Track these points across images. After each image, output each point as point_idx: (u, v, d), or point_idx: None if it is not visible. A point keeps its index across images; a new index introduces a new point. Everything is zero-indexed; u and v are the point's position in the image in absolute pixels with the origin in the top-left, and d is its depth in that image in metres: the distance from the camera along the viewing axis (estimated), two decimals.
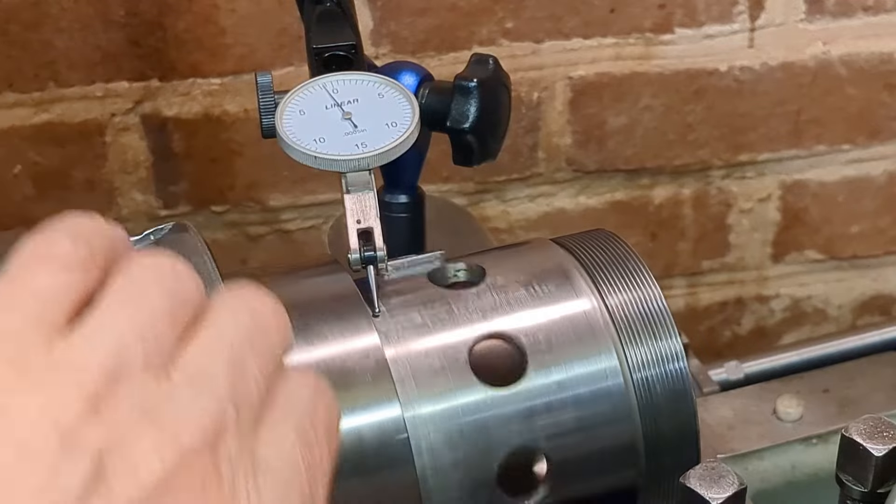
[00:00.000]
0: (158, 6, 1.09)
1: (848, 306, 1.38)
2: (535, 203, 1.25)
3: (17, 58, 1.09)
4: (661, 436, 0.59)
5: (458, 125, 0.71)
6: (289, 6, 0.79)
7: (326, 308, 0.58)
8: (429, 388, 0.57)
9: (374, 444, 0.55)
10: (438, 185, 1.20)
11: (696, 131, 1.23)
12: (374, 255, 0.60)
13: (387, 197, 0.79)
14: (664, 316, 0.60)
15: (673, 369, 0.60)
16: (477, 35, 1.15)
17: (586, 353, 0.59)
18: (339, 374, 0.56)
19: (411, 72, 0.74)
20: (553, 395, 0.58)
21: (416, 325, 0.59)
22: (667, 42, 1.18)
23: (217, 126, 1.14)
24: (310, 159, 0.61)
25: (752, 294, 1.36)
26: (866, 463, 0.57)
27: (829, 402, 0.84)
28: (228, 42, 1.11)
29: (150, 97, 1.13)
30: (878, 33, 1.20)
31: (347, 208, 0.61)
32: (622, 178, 1.25)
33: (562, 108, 1.20)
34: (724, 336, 1.39)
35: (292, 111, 0.63)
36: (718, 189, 1.28)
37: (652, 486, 0.60)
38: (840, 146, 1.26)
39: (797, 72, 1.21)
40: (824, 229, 1.32)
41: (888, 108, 1.24)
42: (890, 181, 1.29)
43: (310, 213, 1.21)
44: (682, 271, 1.32)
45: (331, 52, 0.69)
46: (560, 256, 0.63)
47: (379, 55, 1.13)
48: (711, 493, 0.54)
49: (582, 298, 0.61)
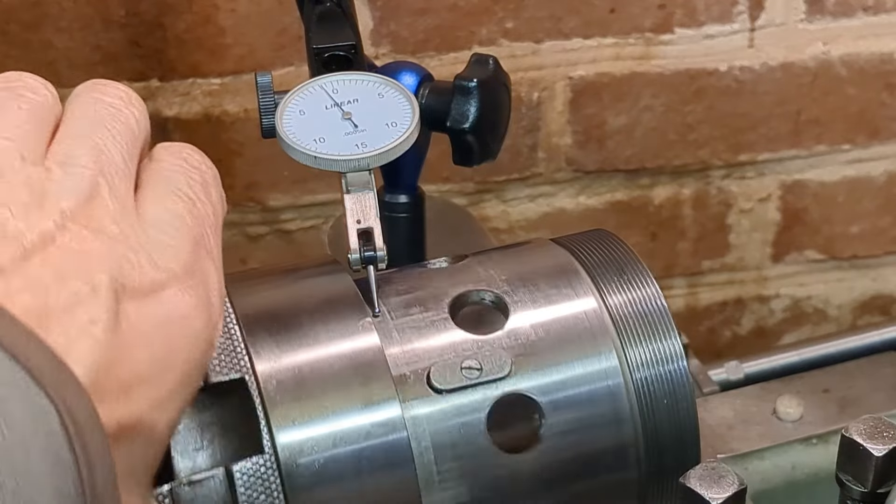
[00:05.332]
0: (158, 6, 1.09)
1: (848, 306, 1.38)
2: (535, 203, 1.25)
3: (17, 58, 1.09)
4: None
5: (458, 125, 0.71)
6: (289, 6, 0.79)
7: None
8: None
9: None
10: (438, 185, 1.20)
11: (696, 131, 1.23)
12: (374, 255, 0.60)
13: (387, 197, 0.79)
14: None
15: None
16: (477, 35, 1.15)
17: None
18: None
19: (411, 72, 0.74)
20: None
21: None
22: (667, 42, 1.18)
23: (217, 126, 1.14)
24: (310, 159, 0.61)
25: (752, 294, 1.36)
26: (866, 463, 0.57)
27: (829, 402, 0.84)
28: (228, 42, 1.11)
29: (150, 97, 1.13)
30: (878, 33, 1.20)
31: (347, 208, 0.61)
32: (622, 178, 1.25)
33: (562, 108, 1.20)
34: (724, 336, 1.39)
35: (292, 111, 0.63)
36: (718, 189, 1.28)
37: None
38: (840, 146, 1.26)
39: (797, 72, 1.21)
40: (824, 229, 1.32)
41: (888, 108, 1.24)
42: (890, 181, 1.30)
43: (310, 213, 1.21)
44: (682, 271, 1.33)
45: (331, 52, 0.69)
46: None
47: (379, 55, 1.13)
48: (711, 493, 0.54)
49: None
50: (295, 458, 0.54)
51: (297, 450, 0.54)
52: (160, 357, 0.46)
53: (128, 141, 0.49)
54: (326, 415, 0.55)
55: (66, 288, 0.43)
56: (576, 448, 0.58)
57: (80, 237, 0.44)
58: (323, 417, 0.55)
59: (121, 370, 0.44)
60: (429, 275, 0.62)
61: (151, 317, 0.45)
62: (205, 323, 0.48)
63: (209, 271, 0.49)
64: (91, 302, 0.43)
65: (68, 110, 0.50)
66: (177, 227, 0.48)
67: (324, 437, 0.54)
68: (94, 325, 0.43)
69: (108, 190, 0.47)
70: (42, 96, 0.49)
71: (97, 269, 0.44)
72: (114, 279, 0.44)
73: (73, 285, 0.43)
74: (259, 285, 0.60)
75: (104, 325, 0.43)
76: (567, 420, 0.58)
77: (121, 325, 0.44)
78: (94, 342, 0.43)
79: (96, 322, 0.43)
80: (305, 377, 0.55)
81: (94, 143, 0.48)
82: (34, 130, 0.48)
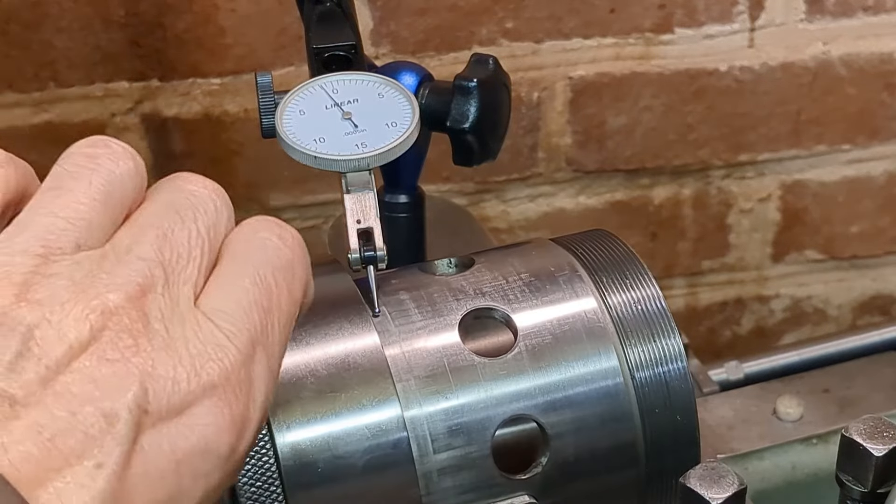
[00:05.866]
0: (158, 6, 1.09)
1: (848, 306, 1.38)
2: (535, 203, 1.25)
3: (17, 58, 1.09)
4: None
5: (458, 125, 0.71)
6: (289, 6, 0.79)
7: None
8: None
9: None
10: (438, 185, 1.20)
11: (696, 131, 1.23)
12: (374, 255, 0.60)
13: (387, 197, 0.79)
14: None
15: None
16: (477, 35, 1.15)
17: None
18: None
19: (411, 72, 0.74)
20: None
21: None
22: (667, 42, 1.18)
23: (217, 126, 1.14)
24: (310, 159, 0.61)
25: (752, 294, 1.36)
26: (866, 463, 0.57)
27: (829, 402, 0.84)
28: (228, 42, 1.11)
29: (150, 97, 1.13)
30: (878, 33, 1.20)
31: (347, 208, 0.61)
32: (622, 178, 1.25)
33: (562, 108, 1.20)
34: (724, 336, 1.39)
35: (292, 111, 0.63)
36: (718, 189, 1.28)
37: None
38: (840, 146, 1.26)
39: (797, 72, 1.21)
40: (824, 229, 1.32)
41: (888, 108, 1.24)
42: (890, 181, 1.30)
43: (310, 213, 1.21)
44: (682, 271, 1.33)
45: (331, 52, 0.69)
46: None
47: (379, 55, 1.13)
48: (711, 493, 0.54)
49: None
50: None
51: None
52: (168, 502, 0.42)
53: (202, 224, 0.45)
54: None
55: (79, 425, 0.39)
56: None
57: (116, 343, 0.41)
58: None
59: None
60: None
61: (170, 451, 0.41)
62: (232, 446, 0.43)
63: (258, 377, 0.44)
64: (104, 440, 0.40)
65: (147, 198, 0.46)
66: (237, 321, 0.43)
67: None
68: (99, 471, 0.39)
69: (164, 282, 0.43)
70: (123, 168, 0.45)
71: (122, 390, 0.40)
72: (138, 403, 0.40)
73: (89, 417, 0.40)
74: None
75: (109, 473, 0.40)
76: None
77: (130, 468, 0.40)
78: (90, 497, 0.39)
79: (102, 467, 0.39)
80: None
81: (160, 232, 0.44)
82: (101, 211, 0.44)
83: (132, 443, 0.40)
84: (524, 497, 0.58)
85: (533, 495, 0.58)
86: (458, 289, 0.61)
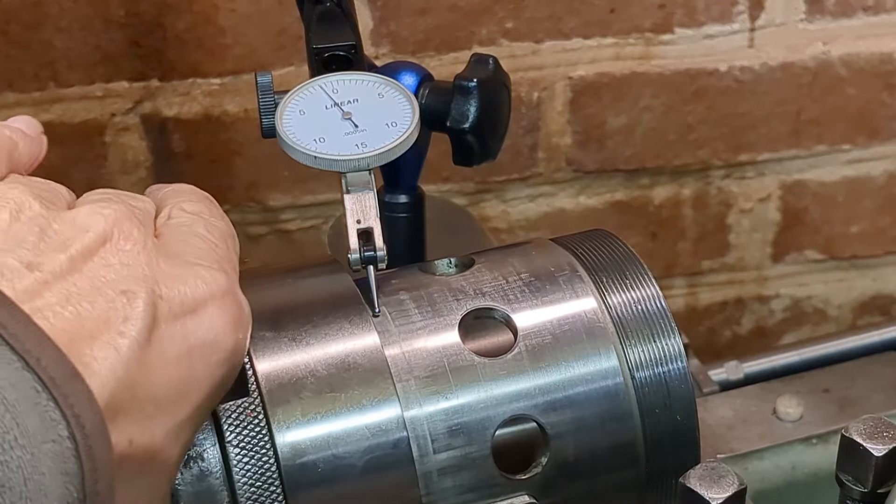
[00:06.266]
0: (158, 6, 1.09)
1: (848, 306, 1.38)
2: (535, 203, 1.25)
3: (17, 58, 1.09)
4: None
5: (458, 125, 0.71)
6: (289, 6, 0.79)
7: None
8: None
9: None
10: (438, 185, 1.20)
11: (696, 131, 1.23)
12: (374, 255, 0.60)
13: (387, 197, 0.79)
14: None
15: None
16: (477, 35, 1.15)
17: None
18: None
19: (411, 72, 0.74)
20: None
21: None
22: (667, 42, 1.18)
23: (217, 126, 1.14)
24: (310, 159, 0.61)
25: (752, 294, 1.36)
26: (866, 463, 0.57)
27: (829, 402, 0.84)
28: (228, 42, 1.11)
29: (150, 97, 1.13)
30: (878, 33, 1.21)
31: (347, 208, 0.61)
32: (622, 178, 1.26)
33: (562, 108, 1.20)
34: (724, 336, 1.39)
35: (292, 111, 0.63)
36: (718, 189, 1.28)
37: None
38: (840, 146, 1.26)
39: (797, 72, 1.21)
40: (824, 229, 1.32)
41: (888, 108, 1.24)
42: (890, 181, 1.30)
43: (310, 213, 1.21)
44: (682, 271, 1.33)
45: (331, 52, 0.69)
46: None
47: (379, 55, 1.13)
48: (711, 493, 0.54)
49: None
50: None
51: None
52: (182, 384, 0.47)
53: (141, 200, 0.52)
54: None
55: (104, 297, 0.45)
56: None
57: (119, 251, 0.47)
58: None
59: (139, 391, 0.45)
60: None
61: (184, 339, 0.47)
62: (233, 345, 0.50)
63: (242, 295, 0.52)
64: (127, 312, 0.45)
65: None
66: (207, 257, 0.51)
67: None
68: (122, 338, 0.44)
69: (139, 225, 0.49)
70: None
71: (139, 278, 0.46)
72: (153, 292, 0.47)
73: (112, 293, 0.45)
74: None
75: (132, 341, 0.45)
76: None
77: (150, 344, 0.46)
78: (116, 358, 0.44)
79: (125, 335, 0.45)
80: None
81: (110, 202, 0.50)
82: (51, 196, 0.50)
83: (152, 320, 0.46)
84: (524, 497, 0.58)
85: (533, 495, 0.58)
86: (458, 289, 0.61)
